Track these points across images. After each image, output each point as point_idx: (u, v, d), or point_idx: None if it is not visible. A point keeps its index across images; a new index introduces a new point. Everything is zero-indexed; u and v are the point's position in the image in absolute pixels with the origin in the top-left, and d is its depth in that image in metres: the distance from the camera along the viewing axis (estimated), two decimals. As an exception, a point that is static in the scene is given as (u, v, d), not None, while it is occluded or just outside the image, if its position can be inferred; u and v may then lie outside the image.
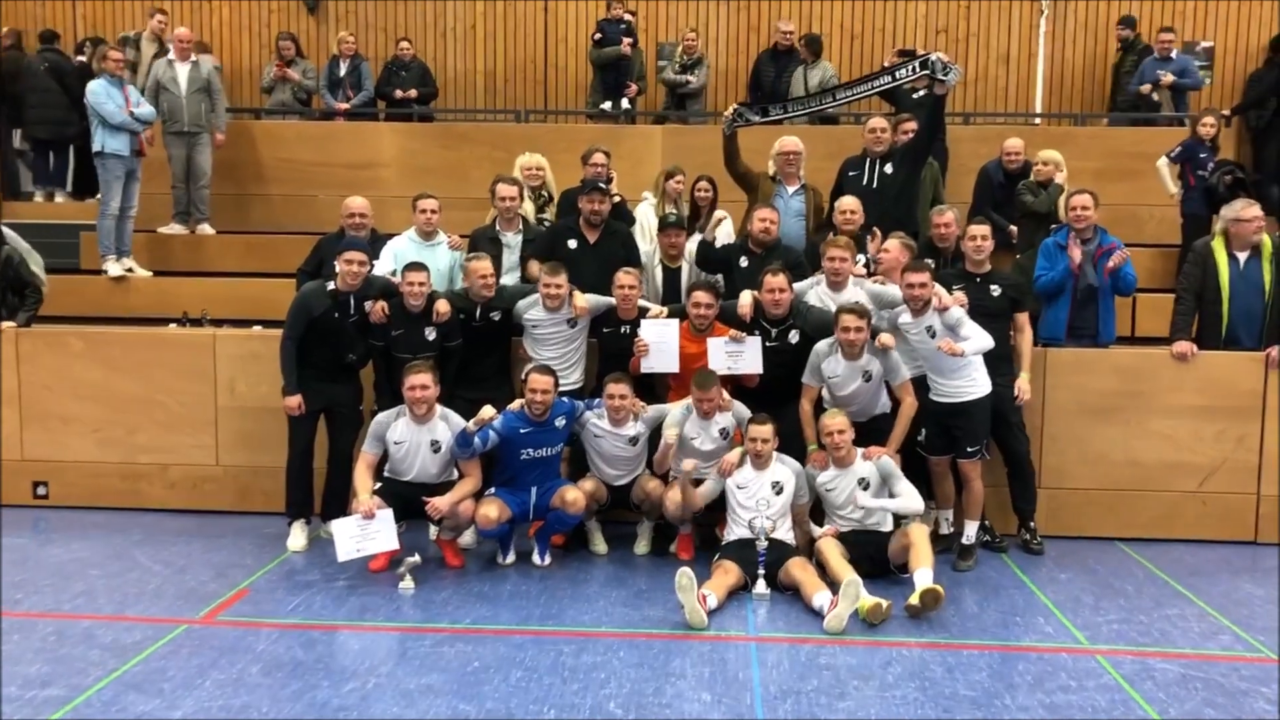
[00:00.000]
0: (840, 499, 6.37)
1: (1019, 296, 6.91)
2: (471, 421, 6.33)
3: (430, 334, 6.84)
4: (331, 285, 6.76)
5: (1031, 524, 6.98)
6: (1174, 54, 11.25)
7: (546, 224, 8.13)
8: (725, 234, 7.75)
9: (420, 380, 6.29)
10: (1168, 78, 11.06)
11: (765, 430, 6.24)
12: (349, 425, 6.95)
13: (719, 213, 7.67)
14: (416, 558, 6.13)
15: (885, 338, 6.46)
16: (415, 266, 6.87)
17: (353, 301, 6.78)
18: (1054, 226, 7.84)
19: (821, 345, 6.58)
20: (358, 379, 7.06)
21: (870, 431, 6.53)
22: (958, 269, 6.98)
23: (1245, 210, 7.31)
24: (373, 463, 6.44)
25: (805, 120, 9.04)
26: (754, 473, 6.30)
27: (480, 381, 7.01)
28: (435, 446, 6.42)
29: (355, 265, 6.70)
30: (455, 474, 6.54)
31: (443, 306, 6.83)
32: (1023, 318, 6.90)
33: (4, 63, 11.27)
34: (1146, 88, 11.14)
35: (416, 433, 6.41)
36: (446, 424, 6.43)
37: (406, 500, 6.37)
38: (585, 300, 6.96)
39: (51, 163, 11.41)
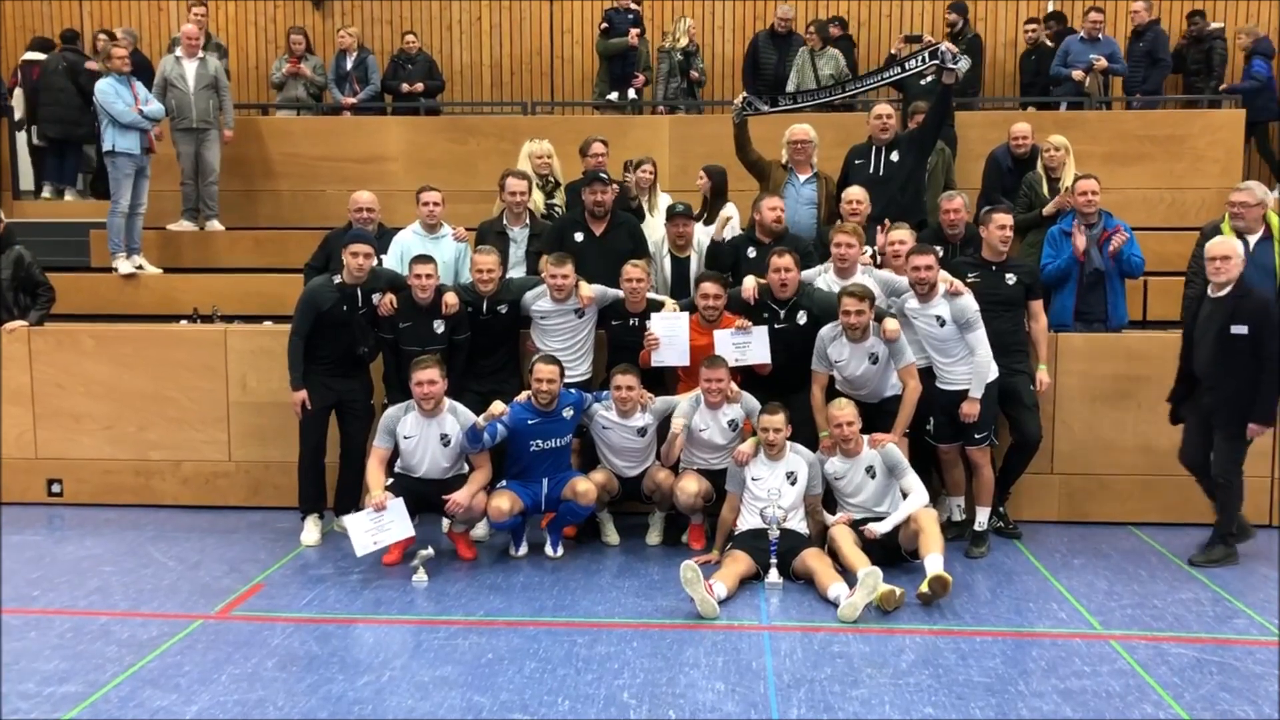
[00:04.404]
0: (849, 487, 6.37)
1: (1033, 284, 6.89)
2: (481, 416, 6.34)
3: (438, 327, 6.84)
4: (338, 279, 6.77)
5: (1002, 508, 6.98)
6: (1101, 36, 11.01)
7: (556, 210, 8.14)
8: (733, 231, 7.76)
9: (427, 376, 6.29)
10: (1100, 62, 10.82)
11: (778, 420, 6.23)
12: (360, 420, 6.95)
13: (727, 209, 7.66)
14: (429, 550, 6.15)
15: (890, 325, 6.41)
16: (422, 259, 6.87)
17: (360, 294, 6.79)
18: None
19: (826, 330, 6.57)
20: (367, 373, 7.07)
21: (880, 414, 6.51)
22: (974, 256, 6.95)
23: (1234, 194, 7.25)
24: (384, 457, 6.45)
25: (813, 109, 9.01)
26: (768, 463, 6.29)
27: (489, 374, 7.02)
28: (445, 440, 6.43)
29: (360, 257, 6.70)
30: (465, 468, 6.56)
31: (451, 299, 6.83)
32: (1037, 305, 6.88)
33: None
34: (1079, 73, 10.84)
35: (426, 427, 6.42)
36: (455, 417, 6.44)
37: (418, 495, 6.40)
38: (591, 290, 6.95)
39: (64, 161, 11.43)
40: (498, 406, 6.34)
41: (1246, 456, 6.44)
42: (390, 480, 6.43)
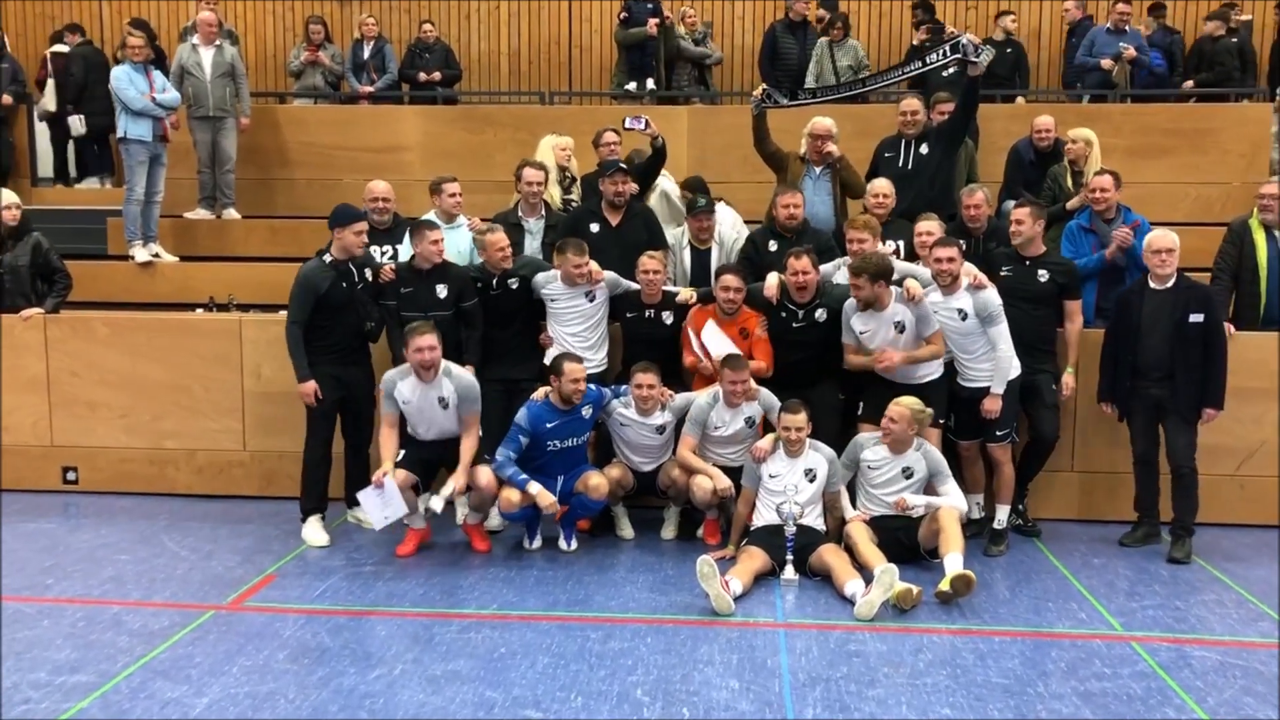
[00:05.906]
0: (879, 479, 6.27)
1: (1068, 283, 6.77)
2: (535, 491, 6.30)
3: (441, 291, 6.78)
4: (328, 257, 6.68)
5: (1021, 505, 6.93)
6: (1127, 28, 10.89)
7: (573, 205, 8.09)
8: (731, 224, 7.67)
9: (426, 342, 6.22)
10: (1130, 51, 10.69)
11: (799, 419, 6.16)
12: (364, 418, 6.86)
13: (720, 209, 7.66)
14: (437, 506, 6.31)
15: (912, 284, 6.34)
16: (429, 224, 6.89)
17: (354, 269, 6.73)
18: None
19: (849, 304, 6.53)
20: (370, 364, 6.96)
21: (919, 398, 6.29)
22: (1009, 249, 6.86)
23: (1265, 187, 7.18)
24: (394, 421, 6.44)
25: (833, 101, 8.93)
26: (787, 460, 6.23)
27: (504, 355, 6.94)
28: (443, 403, 6.37)
29: (364, 235, 6.74)
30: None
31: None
32: (1074, 306, 6.77)
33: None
34: (1108, 62, 10.73)
35: (423, 392, 6.36)
36: (450, 379, 6.38)
37: (428, 463, 6.50)
38: (603, 273, 6.91)
39: (103, 152, 11.44)
40: (546, 498, 6.29)
41: (1257, 455, 6.42)
42: (403, 450, 6.44)
